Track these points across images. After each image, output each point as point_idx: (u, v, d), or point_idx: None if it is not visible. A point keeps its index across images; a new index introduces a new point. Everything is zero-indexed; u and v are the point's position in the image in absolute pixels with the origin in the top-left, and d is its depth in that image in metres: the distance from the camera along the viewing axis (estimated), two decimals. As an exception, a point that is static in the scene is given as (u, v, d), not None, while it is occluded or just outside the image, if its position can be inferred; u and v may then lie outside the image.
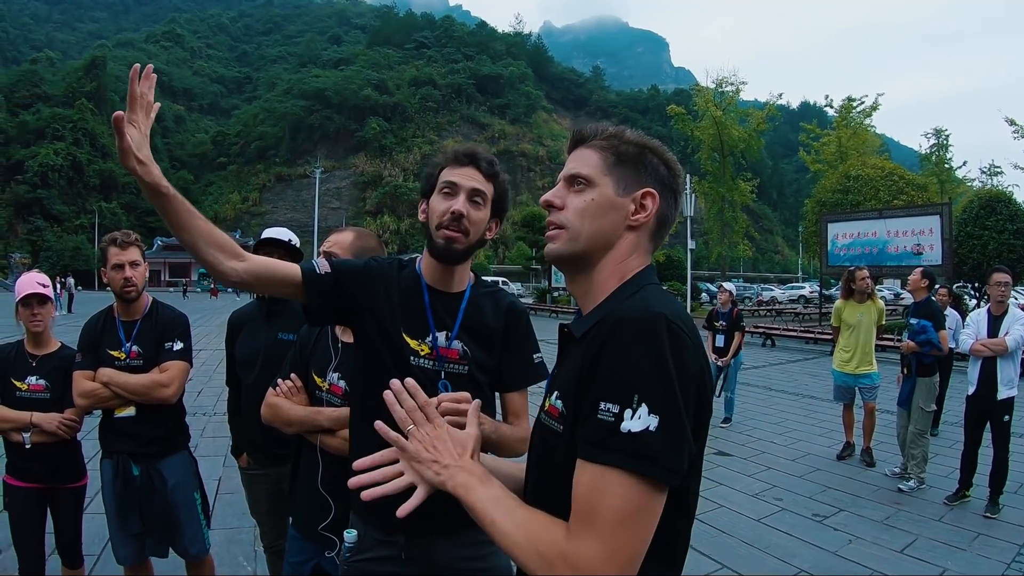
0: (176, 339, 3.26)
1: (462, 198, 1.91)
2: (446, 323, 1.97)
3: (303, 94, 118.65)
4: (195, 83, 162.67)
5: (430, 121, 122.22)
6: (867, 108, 41.28)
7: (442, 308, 1.98)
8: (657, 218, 1.28)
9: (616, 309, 1.13)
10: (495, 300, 2.08)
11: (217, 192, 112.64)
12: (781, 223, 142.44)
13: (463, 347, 1.97)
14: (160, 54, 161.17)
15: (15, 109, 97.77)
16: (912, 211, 21.74)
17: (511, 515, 1.11)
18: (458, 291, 2.02)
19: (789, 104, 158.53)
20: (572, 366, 1.17)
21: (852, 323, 7.21)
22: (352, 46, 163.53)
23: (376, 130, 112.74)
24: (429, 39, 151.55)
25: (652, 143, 1.32)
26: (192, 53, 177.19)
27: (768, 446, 7.65)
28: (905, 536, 5.01)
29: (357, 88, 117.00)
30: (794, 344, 20.43)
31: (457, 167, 1.95)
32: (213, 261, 1.67)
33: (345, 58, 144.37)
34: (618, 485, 1.00)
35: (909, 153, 77.00)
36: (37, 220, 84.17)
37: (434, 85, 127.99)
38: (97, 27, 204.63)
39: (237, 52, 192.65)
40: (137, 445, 3.17)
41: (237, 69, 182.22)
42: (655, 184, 1.28)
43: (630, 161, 1.27)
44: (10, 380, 3.29)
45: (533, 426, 1.33)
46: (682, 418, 1.01)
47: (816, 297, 35.69)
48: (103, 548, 4.37)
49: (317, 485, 2.30)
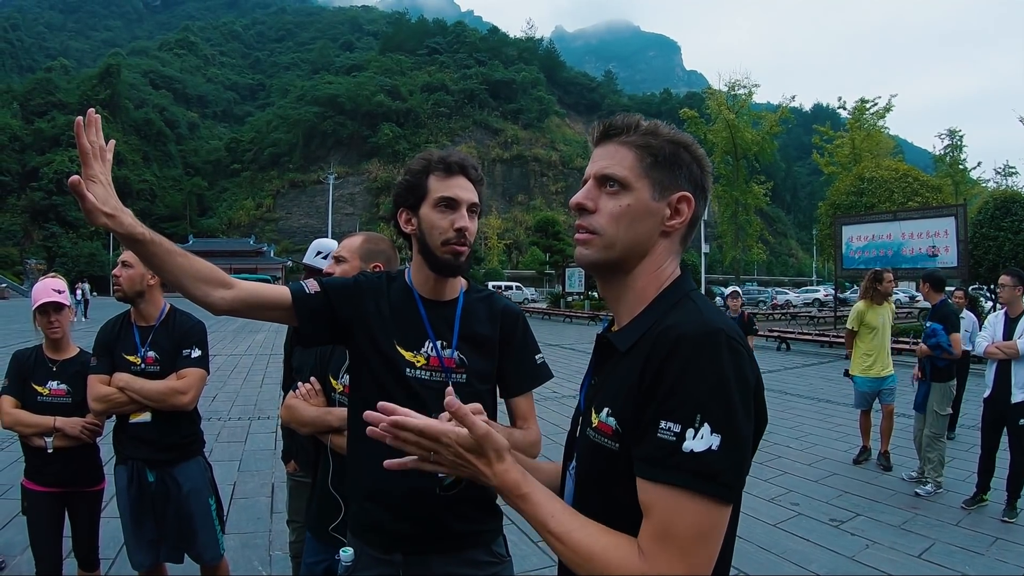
0: (194, 346, 3.26)
1: (464, 213, 1.90)
2: (442, 332, 1.94)
3: (316, 100, 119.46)
4: (208, 90, 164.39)
5: (443, 126, 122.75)
6: (880, 110, 41.16)
7: (437, 318, 1.95)
8: (689, 222, 1.23)
9: (672, 325, 1.09)
10: (489, 305, 2.05)
11: (231, 198, 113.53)
12: (795, 226, 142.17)
13: (459, 356, 1.93)
14: (173, 62, 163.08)
15: (30, 117, 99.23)
16: (927, 213, 21.54)
17: (584, 529, 1.07)
18: (451, 299, 2.00)
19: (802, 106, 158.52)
20: (623, 381, 1.13)
21: (876, 325, 7.10)
22: (364, 52, 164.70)
23: (389, 136, 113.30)
24: (441, 45, 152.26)
25: (686, 139, 1.25)
26: (205, 60, 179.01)
27: (784, 451, 7.60)
28: (922, 541, 4.96)
29: (370, 94, 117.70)
30: (809, 348, 20.28)
31: (448, 177, 1.92)
32: (201, 295, 1.64)
33: (358, 64, 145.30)
34: (689, 505, 0.99)
35: (923, 154, 76.59)
36: (52, 226, 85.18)
37: (446, 90, 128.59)
38: (111, 35, 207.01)
39: (250, 59, 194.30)
40: (152, 451, 3.17)
41: (250, 76, 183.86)
42: (689, 186, 1.22)
43: (666, 162, 1.20)
44: (31, 385, 3.32)
45: (577, 441, 1.29)
46: (742, 436, 1.01)
47: (831, 300, 35.45)
48: (119, 552, 4.38)
49: (328, 485, 2.29)
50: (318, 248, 3.48)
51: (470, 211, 1.93)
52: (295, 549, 3.46)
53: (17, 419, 3.26)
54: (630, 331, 1.19)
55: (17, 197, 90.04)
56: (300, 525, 3.27)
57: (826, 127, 44.20)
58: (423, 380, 1.88)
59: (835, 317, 25.77)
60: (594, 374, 1.29)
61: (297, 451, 3.38)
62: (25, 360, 3.38)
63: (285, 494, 4.12)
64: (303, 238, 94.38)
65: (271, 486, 6.08)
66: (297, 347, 3.30)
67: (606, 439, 1.14)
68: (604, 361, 1.26)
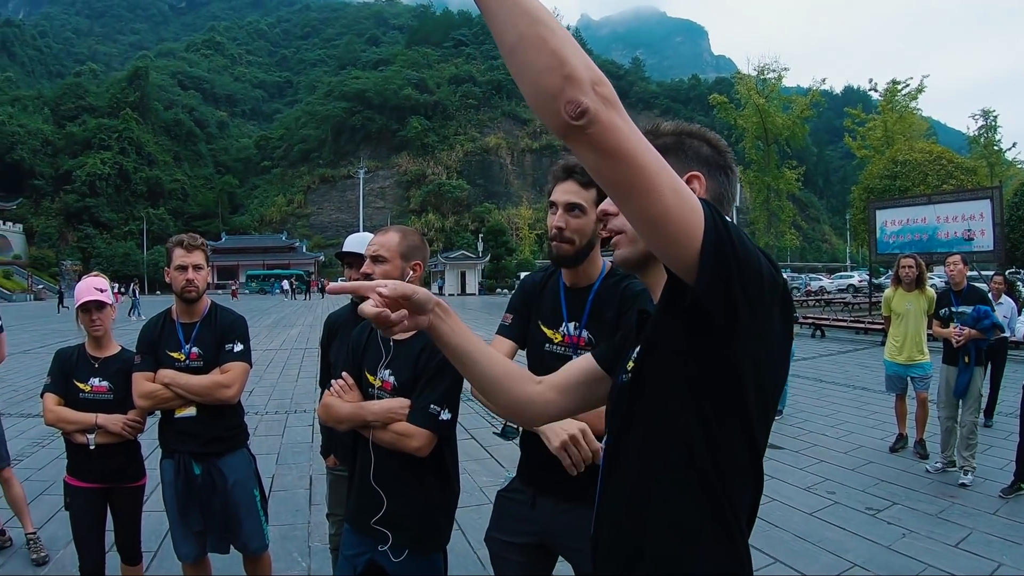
0: (236, 341, 3.33)
1: (560, 213, 2.18)
2: (576, 314, 2.29)
3: (344, 96, 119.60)
4: (236, 89, 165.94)
5: (472, 118, 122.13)
6: (912, 91, 40.32)
7: (574, 302, 2.30)
8: (710, 198, 1.26)
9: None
10: (619, 289, 2.26)
11: (262, 195, 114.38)
12: (828, 211, 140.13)
13: (588, 335, 2.25)
14: (201, 62, 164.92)
15: (61, 121, 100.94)
16: (962, 196, 21.10)
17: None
18: (586, 285, 2.31)
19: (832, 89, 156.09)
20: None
21: (900, 312, 7.06)
22: (390, 47, 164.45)
23: (418, 129, 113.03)
24: (467, 36, 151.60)
25: (689, 127, 1.32)
26: (232, 60, 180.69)
27: (820, 439, 7.55)
28: (959, 530, 4.91)
29: (397, 88, 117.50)
30: (844, 335, 20.05)
31: (558, 183, 2.22)
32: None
33: (384, 59, 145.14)
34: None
35: (957, 136, 74.93)
36: (87, 228, 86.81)
37: (474, 82, 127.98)
38: (138, 38, 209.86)
39: (277, 57, 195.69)
40: (198, 444, 3.23)
41: (277, 74, 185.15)
42: (699, 166, 1.27)
43: (670, 151, 1.24)
44: (73, 382, 3.39)
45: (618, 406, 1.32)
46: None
47: (866, 286, 34.94)
48: (160, 544, 4.50)
49: (369, 479, 2.33)
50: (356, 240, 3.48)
51: (570, 211, 2.18)
52: (334, 542, 3.52)
53: (60, 416, 3.33)
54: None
55: (51, 200, 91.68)
56: (339, 518, 3.31)
57: (858, 110, 43.51)
58: (556, 354, 2.28)
59: (870, 303, 25.44)
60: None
61: (336, 446, 3.42)
62: (68, 358, 3.45)
63: (322, 486, 4.19)
64: (335, 233, 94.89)
65: (309, 478, 6.17)
66: (334, 342, 3.36)
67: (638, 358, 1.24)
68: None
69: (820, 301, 34.64)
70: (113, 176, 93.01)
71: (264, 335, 21.26)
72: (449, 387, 2.35)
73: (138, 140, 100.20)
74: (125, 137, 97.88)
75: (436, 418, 2.28)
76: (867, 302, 26.98)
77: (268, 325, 25.71)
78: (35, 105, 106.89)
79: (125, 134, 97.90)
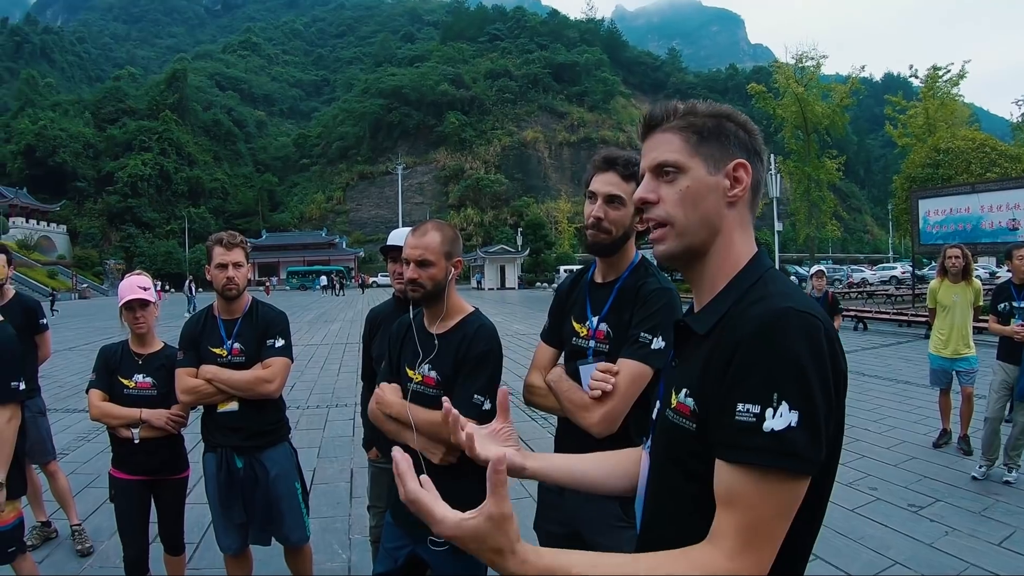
0: (277, 336, 3.38)
1: (599, 203, 2.21)
2: (598, 309, 2.32)
3: (380, 93, 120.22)
4: (274, 89, 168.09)
5: (508, 112, 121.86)
6: (954, 77, 39.07)
7: (598, 296, 2.35)
8: (751, 185, 1.25)
9: (747, 307, 1.12)
10: (639, 285, 2.26)
11: (302, 193, 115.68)
12: (870, 201, 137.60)
13: (608, 329, 2.27)
14: (238, 63, 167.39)
15: (102, 124, 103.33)
16: (1006, 184, 20.52)
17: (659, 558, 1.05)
18: (612, 279, 2.33)
19: (872, 76, 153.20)
20: (702, 364, 1.15)
21: (947, 304, 6.90)
22: (426, 43, 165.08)
23: (455, 124, 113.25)
24: (502, 31, 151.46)
25: (725, 109, 1.27)
26: (269, 60, 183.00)
27: (862, 434, 7.43)
28: (1003, 528, 4.80)
29: (433, 84, 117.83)
30: (887, 327, 19.64)
31: (599, 173, 2.24)
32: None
33: (420, 55, 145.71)
34: (774, 485, 1.01)
35: (1000, 123, 73.04)
36: (129, 228, 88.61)
37: (510, 76, 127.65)
38: (175, 41, 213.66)
39: (313, 56, 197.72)
40: (240, 438, 3.29)
41: (314, 73, 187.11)
42: (742, 152, 1.24)
43: (712, 135, 1.22)
44: (117, 378, 3.47)
45: (655, 421, 1.31)
46: (819, 409, 1.03)
47: (909, 278, 34.26)
48: (202, 536, 4.61)
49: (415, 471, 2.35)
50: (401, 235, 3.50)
51: (610, 202, 2.21)
52: (375, 534, 3.55)
53: (105, 411, 3.41)
54: (708, 314, 1.22)
55: (94, 201, 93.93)
56: (381, 511, 3.35)
57: (898, 97, 42.41)
58: (579, 347, 2.34)
59: (913, 295, 24.93)
60: (675, 356, 1.31)
61: (379, 438, 3.46)
62: (112, 354, 3.54)
63: (363, 479, 4.24)
64: (374, 229, 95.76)
65: (350, 471, 6.25)
66: (376, 337, 3.39)
67: (684, 419, 1.16)
68: (684, 343, 1.28)
69: (862, 293, 34.08)
70: (154, 176, 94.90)
71: (305, 330, 21.53)
72: (490, 377, 2.36)
73: (178, 141, 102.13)
74: (165, 138, 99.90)
75: (479, 408, 2.29)
76: (910, 294, 26.43)
77: (309, 321, 26.01)
78: (76, 109, 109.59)
79: (165, 135, 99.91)
